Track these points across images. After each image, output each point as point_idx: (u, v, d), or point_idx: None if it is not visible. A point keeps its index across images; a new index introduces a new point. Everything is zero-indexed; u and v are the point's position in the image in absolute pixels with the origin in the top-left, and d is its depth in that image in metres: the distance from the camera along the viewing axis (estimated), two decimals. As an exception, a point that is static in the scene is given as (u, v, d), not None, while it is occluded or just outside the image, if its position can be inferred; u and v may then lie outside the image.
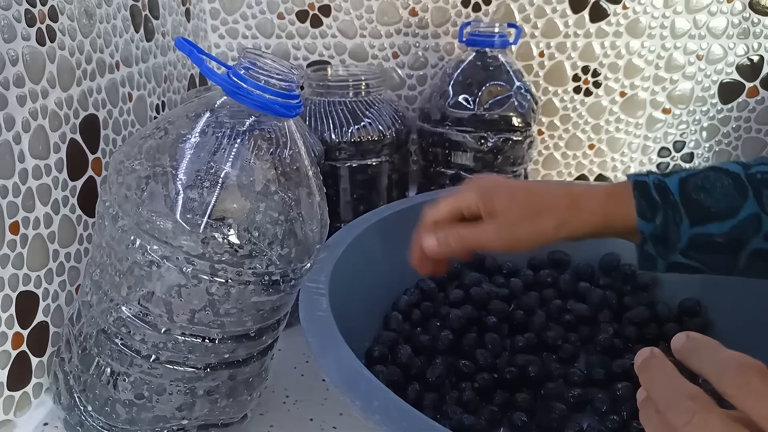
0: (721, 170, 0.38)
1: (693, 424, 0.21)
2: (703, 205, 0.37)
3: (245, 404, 0.40)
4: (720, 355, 0.23)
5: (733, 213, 0.37)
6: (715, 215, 0.37)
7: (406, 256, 0.56)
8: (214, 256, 0.33)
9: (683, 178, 0.38)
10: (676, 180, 0.38)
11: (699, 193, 0.38)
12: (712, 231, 0.37)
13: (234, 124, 0.35)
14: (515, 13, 0.76)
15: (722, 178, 0.38)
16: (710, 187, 0.38)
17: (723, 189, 0.37)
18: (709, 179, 0.38)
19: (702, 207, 0.37)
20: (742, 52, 0.76)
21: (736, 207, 0.37)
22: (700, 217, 0.37)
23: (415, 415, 0.30)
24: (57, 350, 0.41)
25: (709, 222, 0.37)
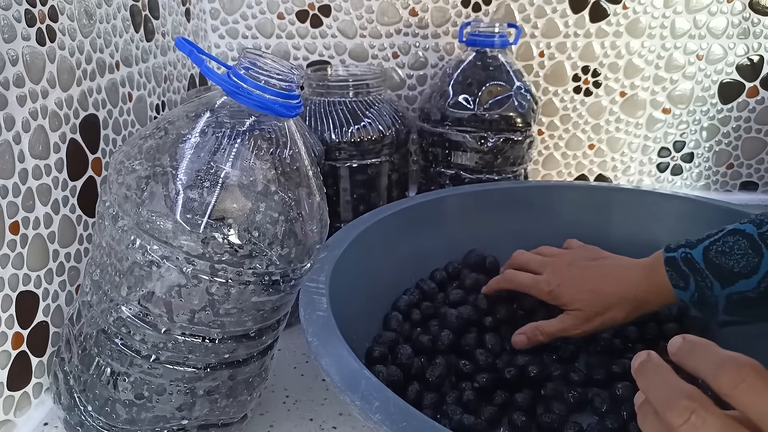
0: (738, 232, 0.43)
1: (690, 422, 0.21)
2: (725, 268, 0.42)
3: (245, 404, 0.40)
4: (715, 355, 0.23)
5: (755, 270, 0.41)
6: (739, 274, 0.41)
7: (406, 256, 0.56)
8: (214, 256, 0.33)
9: (706, 246, 0.43)
10: (701, 250, 0.43)
11: (720, 258, 0.42)
12: (742, 288, 0.41)
13: (234, 124, 0.35)
14: (515, 13, 0.76)
15: (739, 241, 0.42)
16: (729, 251, 0.42)
17: (741, 251, 0.42)
18: (728, 244, 0.42)
19: (726, 269, 0.42)
20: (742, 52, 0.76)
21: (756, 264, 0.41)
22: (726, 278, 0.42)
23: (415, 415, 0.30)
24: (57, 350, 0.41)
25: (736, 281, 0.42)
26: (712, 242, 0.43)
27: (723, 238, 0.43)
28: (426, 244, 0.57)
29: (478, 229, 0.60)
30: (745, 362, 0.22)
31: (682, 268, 0.44)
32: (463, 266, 0.59)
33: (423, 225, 0.57)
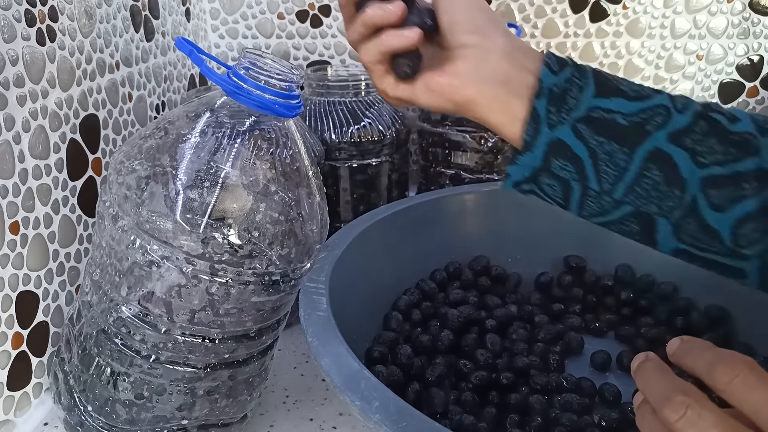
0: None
1: (686, 418, 0.22)
2: (613, 82, 0.34)
3: (245, 404, 0.40)
4: (711, 353, 0.23)
5: (643, 98, 0.34)
6: (624, 93, 0.34)
7: (406, 256, 0.56)
8: (214, 256, 0.33)
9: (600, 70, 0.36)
10: (593, 67, 0.36)
11: (612, 75, 0.35)
12: (616, 107, 0.33)
13: (234, 124, 0.35)
14: (515, 13, 0.76)
15: (640, 84, 0.35)
16: (625, 79, 0.35)
17: (638, 84, 0.35)
18: (626, 80, 0.35)
19: (611, 82, 0.34)
20: (742, 52, 0.76)
21: (648, 95, 0.34)
22: (607, 90, 0.34)
23: (415, 415, 0.30)
24: (57, 350, 0.41)
25: (616, 96, 0.34)
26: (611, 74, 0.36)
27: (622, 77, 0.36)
28: (426, 244, 0.57)
29: (478, 229, 0.60)
30: (739, 359, 0.22)
31: (566, 58, 0.36)
32: (464, 266, 0.59)
33: (423, 225, 0.57)
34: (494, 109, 0.35)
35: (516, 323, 0.53)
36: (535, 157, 0.34)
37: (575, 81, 0.34)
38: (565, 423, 0.42)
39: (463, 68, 0.35)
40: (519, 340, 0.50)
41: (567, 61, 0.35)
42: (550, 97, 0.34)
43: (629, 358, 0.50)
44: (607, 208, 0.34)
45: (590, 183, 0.34)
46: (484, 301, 0.55)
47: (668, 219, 0.33)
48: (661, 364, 0.25)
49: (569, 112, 0.34)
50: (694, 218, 0.33)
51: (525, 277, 0.60)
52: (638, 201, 0.33)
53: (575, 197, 0.35)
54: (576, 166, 0.34)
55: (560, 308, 0.56)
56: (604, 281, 0.58)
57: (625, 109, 0.33)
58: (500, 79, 0.35)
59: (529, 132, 0.34)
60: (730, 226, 0.32)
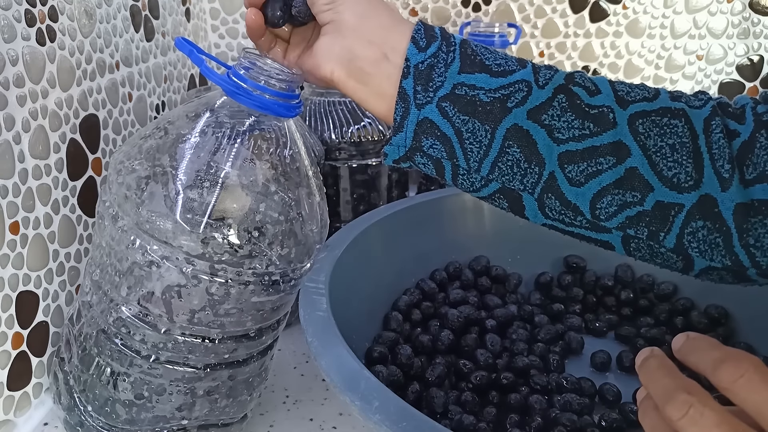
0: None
1: (689, 416, 0.22)
2: (479, 56, 0.35)
3: (245, 404, 0.40)
4: (716, 351, 0.23)
5: (506, 74, 0.34)
6: (488, 69, 0.34)
7: (407, 256, 0.56)
8: (214, 257, 0.33)
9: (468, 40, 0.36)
10: (461, 36, 0.36)
11: (479, 48, 0.35)
12: (479, 83, 0.34)
13: (234, 124, 0.35)
14: (515, 13, 0.76)
15: (506, 55, 0.35)
16: (492, 50, 0.35)
17: (504, 55, 0.35)
18: (494, 49, 0.36)
19: (477, 57, 0.35)
20: (742, 52, 0.76)
21: (511, 70, 0.34)
22: (471, 64, 0.34)
23: (415, 415, 0.30)
24: (57, 350, 0.41)
25: (479, 71, 0.34)
26: (480, 44, 0.36)
27: (491, 48, 0.36)
28: (426, 244, 0.57)
29: (478, 229, 0.60)
30: (745, 358, 0.22)
31: (435, 31, 0.35)
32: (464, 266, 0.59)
33: (423, 225, 0.57)
34: (356, 89, 0.36)
35: (516, 323, 0.53)
36: (406, 136, 0.35)
37: (441, 56, 0.34)
38: (565, 423, 0.42)
39: (319, 46, 0.36)
40: (519, 340, 0.50)
41: (435, 34, 0.35)
42: (417, 75, 0.34)
43: (629, 358, 0.50)
44: (477, 185, 0.35)
45: (459, 161, 0.34)
46: (484, 301, 0.55)
47: (532, 195, 0.34)
48: (666, 360, 0.25)
49: (436, 90, 0.34)
50: (554, 193, 0.33)
51: (525, 277, 0.60)
52: (503, 178, 0.34)
53: (447, 174, 0.35)
54: (444, 144, 0.34)
55: (560, 308, 0.56)
56: (604, 281, 0.58)
57: (488, 85, 0.34)
58: (353, 56, 0.35)
59: (398, 112, 0.35)
60: (589, 201, 0.33)
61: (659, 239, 0.33)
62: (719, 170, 0.32)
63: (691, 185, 0.32)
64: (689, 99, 0.35)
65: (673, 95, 0.35)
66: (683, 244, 0.33)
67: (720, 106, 0.34)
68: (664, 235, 0.33)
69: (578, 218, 0.34)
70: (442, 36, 0.35)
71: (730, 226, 0.32)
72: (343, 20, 0.35)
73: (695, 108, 0.34)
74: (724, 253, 0.32)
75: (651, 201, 0.33)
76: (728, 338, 0.52)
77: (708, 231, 0.32)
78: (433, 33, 0.35)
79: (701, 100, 0.34)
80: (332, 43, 0.36)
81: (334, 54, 0.36)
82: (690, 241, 0.33)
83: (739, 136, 0.33)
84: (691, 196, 0.32)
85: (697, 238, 0.32)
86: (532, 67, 0.35)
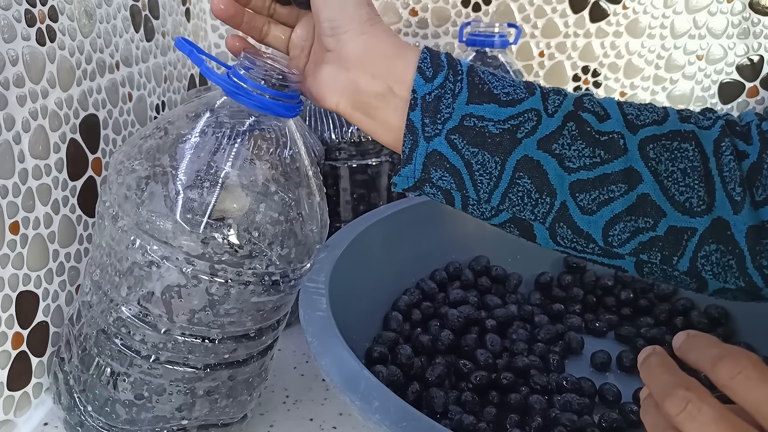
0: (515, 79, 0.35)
1: (687, 411, 0.22)
2: (487, 84, 0.34)
3: (245, 404, 0.40)
4: (716, 349, 0.23)
5: (514, 104, 0.33)
6: (497, 98, 0.33)
7: (407, 256, 0.56)
8: (214, 257, 0.33)
9: (475, 65, 0.35)
10: (468, 63, 0.35)
11: (486, 75, 0.34)
12: (488, 114, 0.33)
13: (234, 124, 0.35)
14: (515, 13, 0.76)
15: (515, 80, 0.35)
16: (500, 76, 0.35)
17: (512, 81, 0.34)
18: (501, 74, 0.35)
19: (485, 85, 0.34)
20: (742, 52, 0.76)
21: (519, 98, 0.34)
22: (479, 94, 0.33)
23: (415, 415, 0.30)
24: (57, 350, 0.41)
25: (487, 102, 0.33)
26: (487, 69, 0.35)
27: (498, 73, 0.35)
28: (426, 244, 0.57)
29: (478, 229, 0.60)
30: (743, 355, 0.22)
31: (441, 59, 0.34)
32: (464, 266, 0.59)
33: (423, 225, 0.57)
34: (363, 120, 0.36)
35: (516, 323, 0.53)
36: (415, 168, 0.34)
37: (449, 86, 0.34)
38: (565, 423, 0.42)
39: (322, 77, 0.36)
40: (519, 340, 0.50)
41: (442, 62, 0.34)
42: (424, 107, 0.33)
43: (629, 358, 0.50)
44: (488, 215, 0.35)
45: (469, 192, 0.34)
46: (484, 301, 0.55)
47: (543, 224, 0.34)
48: (666, 358, 0.25)
49: (444, 122, 0.33)
50: (566, 222, 0.33)
51: (525, 277, 0.60)
52: (514, 209, 0.34)
53: (457, 204, 0.35)
54: (454, 176, 0.34)
55: (560, 308, 0.56)
56: (604, 281, 0.58)
57: (497, 116, 0.33)
58: (358, 89, 0.35)
59: (406, 144, 0.34)
60: (601, 229, 0.33)
61: (673, 263, 0.33)
62: (731, 193, 0.32)
63: (703, 209, 0.32)
64: (698, 119, 0.34)
65: (682, 116, 0.34)
66: (697, 267, 0.32)
67: (728, 125, 0.34)
68: (677, 259, 0.33)
69: (590, 245, 0.33)
70: (448, 64, 0.34)
71: (743, 248, 0.32)
72: (345, 52, 0.35)
73: (704, 129, 0.33)
74: (737, 275, 0.32)
75: (664, 226, 0.32)
76: (728, 338, 0.52)
77: (721, 254, 0.32)
78: (439, 61, 0.34)
79: (710, 120, 0.34)
80: (336, 75, 0.35)
81: (338, 86, 0.35)
82: (703, 264, 0.32)
83: (748, 157, 0.32)
84: (704, 220, 0.32)
85: (711, 261, 0.32)
86: (541, 94, 0.34)
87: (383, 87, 0.34)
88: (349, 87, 0.35)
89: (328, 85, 0.36)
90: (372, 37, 0.34)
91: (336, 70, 0.35)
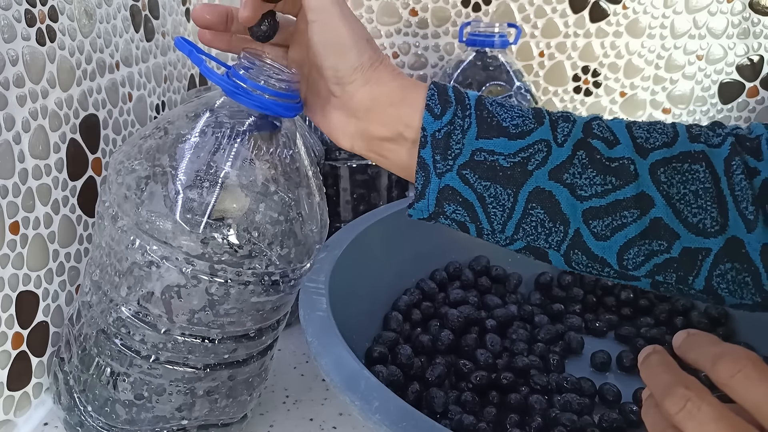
0: (524, 107, 0.36)
1: (686, 410, 0.22)
2: (495, 117, 0.34)
3: (245, 404, 0.40)
4: (715, 347, 0.23)
5: (524, 135, 0.34)
6: (506, 131, 0.34)
7: (407, 256, 0.56)
8: (213, 257, 0.33)
9: (483, 96, 0.36)
10: (476, 94, 0.35)
11: (495, 107, 0.35)
12: (498, 148, 0.33)
13: (234, 124, 0.35)
14: (515, 13, 0.76)
15: (521, 108, 0.35)
16: (508, 106, 0.35)
17: (520, 110, 0.35)
18: (509, 105, 0.35)
19: (494, 118, 0.34)
20: (742, 52, 0.76)
21: (529, 129, 0.34)
22: (489, 128, 0.34)
23: (415, 415, 0.30)
24: (57, 350, 0.41)
25: (497, 136, 0.34)
26: (495, 99, 0.35)
27: (506, 102, 0.36)
28: (426, 244, 0.57)
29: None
30: (743, 354, 0.22)
31: (449, 94, 0.35)
32: (464, 266, 0.59)
33: (423, 225, 0.56)
34: (377, 160, 0.37)
35: (516, 323, 0.53)
36: (428, 203, 0.35)
37: (458, 122, 0.34)
38: (565, 423, 0.42)
39: (333, 122, 0.37)
40: (519, 340, 0.50)
41: (449, 98, 0.35)
42: (434, 144, 0.34)
43: (629, 358, 0.50)
44: (503, 243, 0.35)
45: (483, 224, 0.34)
46: (484, 301, 0.55)
47: (558, 251, 0.34)
48: (666, 357, 0.25)
49: (455, 158, 0.34)
50: (580, 249, 0.34)
51: (525, 277, 0.60)
52: (528, 238, 0.34)
53: (472, 233, 0.36)
54: (467, 209, 0.34)
55: (560, 308, 0.56)
56: (604, 281, 0.58)
57: (507, 149, 0.34)
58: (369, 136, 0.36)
59: (419, 181, 0.35)
60: (616, 253, 0.33)
61: (688, 282, 0.33)
62: (743, 212, 0.32)
63: (717, 230, 0.32)
64: (708, 136, 0.34)
65: (691, 134, 0.34)
66: (712, 286, 0.33)
67: (738, 140, 0.34)
68: (692, 279, 0.33)
69: (606, 269, 0.34)
70: (456, 99, 0.35)
71: (758, 266, 0.32)
72: (353, 103, 0.35)
73: (714, 147, 0.33)
74: (753, 291, 0.32)
75: (678, 248, 0.32)
76: (728, 338, 0.52)
77: (736, 272, 0.32)
78: (447, 97, 0.35)
79: (719, 136, 0.34)
80: (346, 123, 0.36)
81: (349, 131, 0.36)
82: (719, 282, 0.33)
83: (759, 174, 0.32)
84: (718, 240, 0.32)
85: (726, 280, 0.32)
86: (550, 123, 0.34)
87: (393, 132, 0.35)
88: (360, 133, 0.36)
89: (339, 130, 0.37)
90: (377, 85, 0.35)
91: (346, 117, 0.36)
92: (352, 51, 0.34)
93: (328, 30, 0.34)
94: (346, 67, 0.34)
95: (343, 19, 0.34)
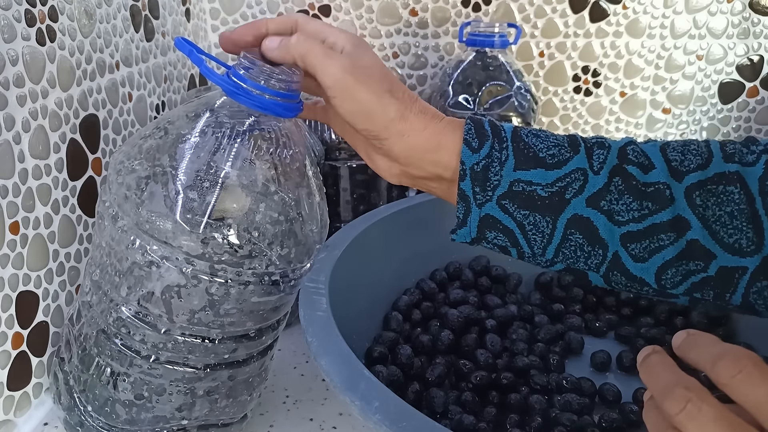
0: (558, 134, 0.37)
1: (686, 411, 0.22)
2: (532, 148, 0.35)
3: (245, 404, 0.40)
4: (716, 348, 0.23)
5: (560, 165, 0.35)
6: (543, 162, 0.35)
7: (406, 256, 0.56)
8: (213, 257, 0.33)
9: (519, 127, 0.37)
10: (512, 126, 0.37)
11: (530, 138, 0.36)
12: (535, 179, 0.35)
13: (234, 124, 0.35)
14: (515, 13, 0.76)
15: (557, 135, 0.36)
16: (543, 136, 0.36)
17: (556, 139, 0.36)
18: (545, 132, 0.36)
19: (530, 150, 0.35)
20: (742, 52, 0.76)
21: (565, 159, 0.35)
22: (526, 160, 0.35)
23: (415, 415, 0.30)
24: (57, 350, 0.41)
25: (534, 167, 0.35)
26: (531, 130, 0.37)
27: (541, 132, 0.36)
28: (426, 244, 0.57)
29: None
30: (744, 354, 0.22)
31: (485, 128, 0.36)
32: (464, 266, 0.59)
33: (423, 225, 0.57)
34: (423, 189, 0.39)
35: (516, 323, 0.53)
36: (470, 230, 0.36)
37: (495, 154, 0.35)
38: (565, 423, 0.42)
39: (378, 165, 0.40)
40: (519, 340, 0.50)
41: (486, 132, 0.36)
42: (473, 177, 0.35)
43: (629, 358, 0.50)
44: (543, 265, 0.36)
45: (523, 248, 0.36)
46: (484, 301, 0.55)
47: (597, 273, 0.35)
48: (666, 358, 0.25)
49: (494, 189, 0.35)
50: (619, 270, 0.35)
51: (525, 277, 0.60)
52: (567, 261, 0.35)
53: (514, 256, 0.37)
54: (508, 236, 0.36)
55: (560, 308, 0.56)
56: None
57: (544, 180, 0.35)
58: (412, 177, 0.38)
59: (460, 210, 0.36)
60: (654, 274, 0.34)
61: (725, 299, 0.34)
62: None
63: (753, 249, 0.33)
64: (742, 154, 0.34)
65: (726, 153, 0.35)
66: (749, 302, 0.33)
67: None
68: (730, 296, 0.34)
69: (645, 288, 0.35)
70: (492, 132, 0.36)
71: None
72: (393, 154, 0.37)
73: (749, 165, 0.34)
74: None
75: (714, 267, 0.33)
76: (729, 338, 0.52)
77: None
78: (483, 131, 0.36)
79: (754, 153, 0.34)
80: (391, 166, 0.39)
81: (395, 173, 0.39)
82: (756, 298, 0.33)
83: None
84: (754, 259, 0.33)
85: (763, 296, 0.33)
86: (585, 150, 0.35)
87: (432, 175, 0.37)
88: (404, 173, 0.39)
89: (385, 171, 0.39)
90: (412, 136, 0.36)
91: (389, 162, 0.38)
92: (376, 112, 0.35)
93: (348, 101, 0.35)
94: (376, 127, 0.36)
95: (359, 85, 0.35)
